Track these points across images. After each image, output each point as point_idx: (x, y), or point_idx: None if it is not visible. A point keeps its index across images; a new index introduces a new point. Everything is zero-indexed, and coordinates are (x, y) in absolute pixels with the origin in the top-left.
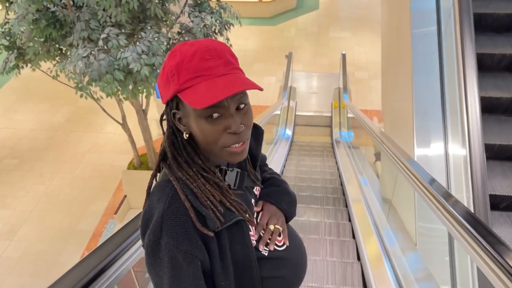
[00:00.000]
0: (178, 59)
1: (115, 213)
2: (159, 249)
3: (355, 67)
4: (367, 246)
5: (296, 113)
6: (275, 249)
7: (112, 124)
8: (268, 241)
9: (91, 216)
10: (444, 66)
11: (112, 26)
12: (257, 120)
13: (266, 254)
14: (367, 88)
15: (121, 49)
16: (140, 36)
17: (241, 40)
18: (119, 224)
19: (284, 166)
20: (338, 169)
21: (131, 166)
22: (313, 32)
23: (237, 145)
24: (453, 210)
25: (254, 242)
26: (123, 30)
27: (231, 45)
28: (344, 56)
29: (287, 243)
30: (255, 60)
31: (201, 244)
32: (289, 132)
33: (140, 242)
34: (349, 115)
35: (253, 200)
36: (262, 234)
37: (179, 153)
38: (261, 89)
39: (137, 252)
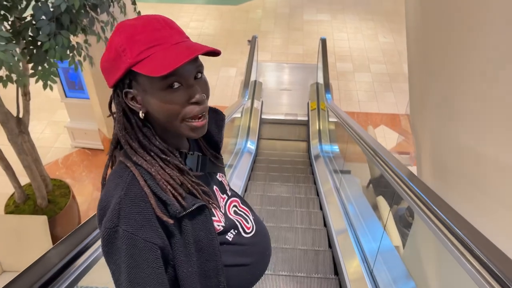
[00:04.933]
0: (127, 33)
1: None
2: (117, 237)
3: (337, 57)
4: None
5: (263, 116)
6: (241, 235)
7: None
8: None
9: None
10: None
11: None
12: None
13: (231, 239)
14: (353, 83)
15: None
16: None
17: (195, 22)
18: None
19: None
20: (324, 218)
21: (11, 203)
22: (284, 14)
23: (198, 120)
24: None
25: (219, 228)
26: None
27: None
28: (324, 41)
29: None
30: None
31: (161, 231)
32: (251, 145)
33: None
34: (332, 119)
35: (215, 187)
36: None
37: (132, 138)
38: (219, 52)
39: None
